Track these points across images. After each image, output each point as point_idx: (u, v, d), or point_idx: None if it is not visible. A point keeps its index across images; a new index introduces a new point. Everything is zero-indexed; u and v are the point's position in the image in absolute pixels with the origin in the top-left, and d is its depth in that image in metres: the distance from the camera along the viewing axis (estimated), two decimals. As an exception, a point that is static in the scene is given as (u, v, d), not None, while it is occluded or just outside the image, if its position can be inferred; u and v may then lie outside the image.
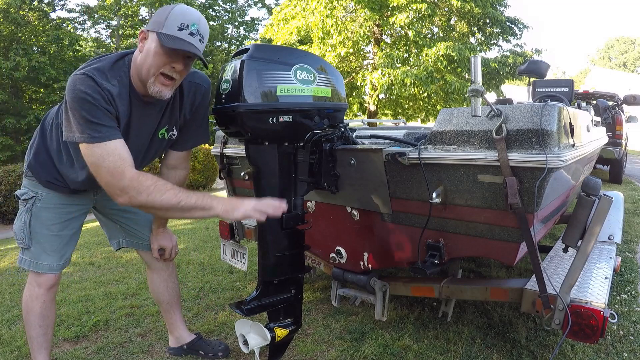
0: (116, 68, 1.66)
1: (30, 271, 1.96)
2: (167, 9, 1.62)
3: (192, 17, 1.62)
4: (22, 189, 1.96)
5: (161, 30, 1.58)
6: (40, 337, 1.98)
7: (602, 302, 1.66)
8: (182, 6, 1.63)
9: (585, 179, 1.66)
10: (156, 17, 1.63)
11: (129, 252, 4.34)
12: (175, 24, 1.58)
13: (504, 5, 14.03)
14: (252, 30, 24.47)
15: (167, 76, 1.64)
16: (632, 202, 5.89)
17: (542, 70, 4.33)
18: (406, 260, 1.96)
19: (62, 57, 18.20)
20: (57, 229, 1.93)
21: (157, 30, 1.59)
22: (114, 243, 2.20)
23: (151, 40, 1.62)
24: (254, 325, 1.80)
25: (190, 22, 1.60)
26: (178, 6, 1.62)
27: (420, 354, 2.21)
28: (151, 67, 1.62)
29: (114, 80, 1.64)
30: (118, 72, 1.66)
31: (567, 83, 5.64)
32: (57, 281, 2.00)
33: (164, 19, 1.59)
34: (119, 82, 1.65)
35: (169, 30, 1.58)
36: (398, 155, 1.69)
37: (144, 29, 1.66)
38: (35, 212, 1.91)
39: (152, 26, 1.63)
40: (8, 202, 8.83)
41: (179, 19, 1.59)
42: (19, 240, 1.94)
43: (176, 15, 1.59)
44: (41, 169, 1.87)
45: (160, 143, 1.91)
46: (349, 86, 14.12)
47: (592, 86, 25.06)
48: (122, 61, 1.69)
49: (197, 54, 1.61)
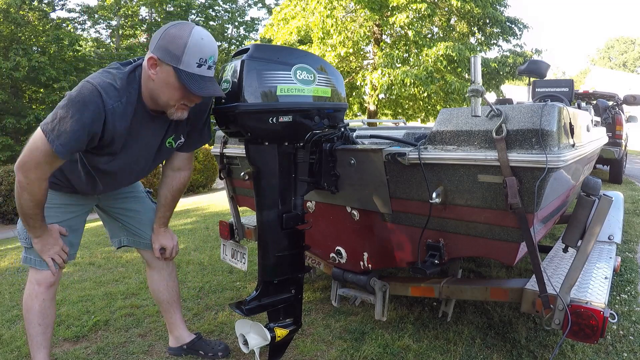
0: (128, 83, 1.66)
1: (31, 269, 1.97)
2: (182, 39, 1.54)
3: (209, 49, 1.58)
4: None
5: (179, 66, 1.55)
6: (39, 336, 1.98)
7: (602, 302, 1.65)
8: (197, 36, 1.55)
9: (585, 179, 1.66)
10: (170, 45, 1.55)
11: (129, 252, 4.34)
12: (194, 60, 1.55)
13: (504, 5, 14.02)
14: (252, 30, 24.48)
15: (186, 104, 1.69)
16: (632, 202, 5.89)
17: (542, 70, 4.33)
18: (406, 260, 1.96)
19: (62, 57, 18.20)
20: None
21: (174, 64, 1.55)
22: (116, 241, 2.22)
23: (167, 73, 1.58)
24: (254, 325, 1.80)
25: (208, 55, 1.57)
26: (193, 38, 1.54)
27: (420, 354, 2.21)
28: (170, 99, 1.65)
29: (124, 97, 1.64)
30: (129, 88, 1.66)
31: (567, 83, 5.64)
32: (57, 280, 2.01)
33: (180, 52, 1.54)
34: (127, 99, 1.65)
35: (188, 67, 1.55)
36: (398, 155, 1.69)
37: (155, 56, 1.58)
38: None
39: (165, 56, 1.56)
40: (8, 202, 8.82)
41: (197, 54, 1.55)
42: (22, 240, 1.95)
43: (194, 49, 1.54)
44: None
45: (169, 151, 1.95)
46: (349, 86, 14.12)
47: (592, 86, 25.07)
48: (133, 75, 1.68)
49: (219, 95, 1.63)
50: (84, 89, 1.56)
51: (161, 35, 1.58)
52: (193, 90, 1.56)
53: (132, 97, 1.67)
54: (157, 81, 1.62)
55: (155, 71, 1.61)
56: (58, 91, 17.42)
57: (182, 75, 1.56)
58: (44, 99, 17.89)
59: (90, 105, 1.54)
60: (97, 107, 1.56)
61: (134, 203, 2.14)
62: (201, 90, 1.57)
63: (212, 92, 1.60)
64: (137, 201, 2.15)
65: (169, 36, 1.56)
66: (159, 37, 1.58)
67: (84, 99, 1.54)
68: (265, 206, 1.77)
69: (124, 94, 1.64)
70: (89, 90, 1.55)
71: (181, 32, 1.55)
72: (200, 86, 1.57)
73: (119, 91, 1.62)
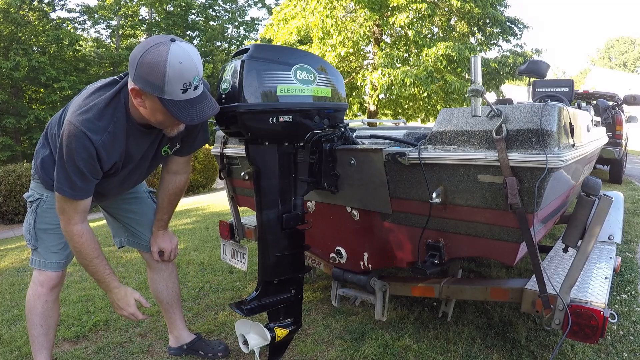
0: (110, 110, 1.61)
1: (34, 270, 1.98)
2: (159, 66, 1.42)
3: (190, 70, 1.46)
4: (29, 192, 1.99)
5: (163, 96, 1.47)
6: (41, 337, 1.99)
7: (602, 302, 1.65)
8: (174, 59, 1.42)
9: (585, 179, 1.66)
10: (149, 76, 1.45)
11: (129, 252, 4.34)
12: (178, 87, 1.46)
13: (504, 5, 14.03)
14: (252, 30, 24.50)
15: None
16: (632, 202, 5.89)
17: (542, 70, 4.33)
18: (406, 260, 1.96)
19: (62, 57, 18.23)
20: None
21: (157, 95, 1.47)
22: (117, 241, 2.23)
23: (153, 101, 1.52)
24: (254, 325, 1.80)
25: (191, 78, 1.47)
26: (171, 62, 1.42)
27: (420, 354, 2.21)
28: (162, 123, 1.64)
29: (110, 125, 1.61)
30: (114, 114, 1.62)
31: (567, 83, 5.64)
32: (60, 281, 2.02)
33: (161, 83, 1.44)
34: (115, 125, 1.62)
35: (172, 96, 1.47)
36: (398, 156, 1.69)
37: (137, 87, 1.50)
38: (39, 212, 1.93)
39: (146, 87, 1.48)
40: (8, 202, 8.83)
41: (179, 80, 1.45)
42: (27, 242, 1.98)
43: (174, 77, 1.44)
44: (46, 174, 1.90)
45: (165, 158, 1.96)
46: (349, 86, 14.12)
47: (592, 86, 25.05)
48: (116, 100, 1.63)
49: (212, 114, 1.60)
50: (70, 134, 1.56)
51: (137, 63, 1.46)
52: (181, 120, 1.53)
53: (121, 121, 1.63)
54: (147, 108, 1.57)
55: (142, 100, 1.55)
56: (58, 91, 17.44)
57: (168, 105, 1.49)
58: (44, 99, 17.90)
59: (79, 148, 1.56)
60: (86, 148, 1.56)
61: (134, 204, 2.14)
62: (190, 118, 1.52)
63: (202, 117, 1.55)
64: (138, 202, 2.15)
65: (145, 66, 1.44)
66: (135, 65, 1.47)
67: (73, 146, 1.56)
68: (265, 206, 1.77)
69: (109, 122, 1.61)
70: (74, 135, 1.55)
71: (157, 59, 1.42)
72: (189, 113, 1.52)
73: (102, 122, 1.59)
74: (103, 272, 1.81)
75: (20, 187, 8.92)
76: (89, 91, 1.67)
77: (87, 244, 1.74)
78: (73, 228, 1.71)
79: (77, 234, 1.72)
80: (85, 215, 1.75)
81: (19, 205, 8.95)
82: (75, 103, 1.65)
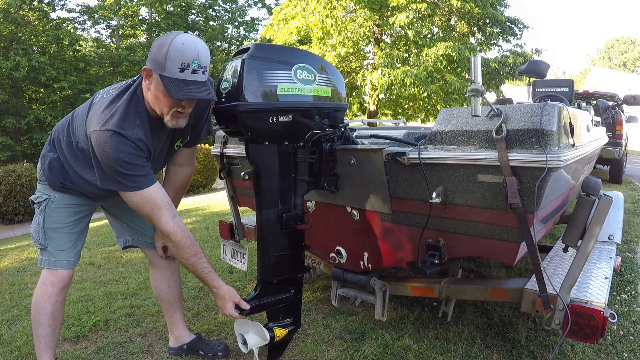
0: (133, 107, 1.68)
1: (44, 270, 1.99)
2: (165, 45, 1.55)
3: (190, 53, 1.55)
4: (36, 194, 2.00)
5: (163, 72, 1.56)
6: (48, 337, 2.00)
7: (602, 302, 1.65)
8: (179, 41, 1.55)
9: (585, 179, 1.66)
10: (155, 53, 1.58)
11: (129, 252, 4.34)
12: (176, 65, 1.54)
13: (504, 5, 14.02)
14: (252, 30, 24.49)
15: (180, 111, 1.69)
16: (632, 202, 5.89)
17: (542, 70, 4.33)
18: (406, 260, 1.96)
19: (62, 57, 18.22)
20: (69, 227, 1.98)
21: (159, 71, 1.57)
22: (121, 241, 2.24)
23: (157, 81, 1.60)
24: (253, 325, 1.80)
25: (190, 59, 1.55)
26: (174, 43, 1.55)
27: (420, 354, 2.21)
28: (163, 108, 1.67)
29: (137, 121, 1.67)
30: (137, 111, 1.69)
31: (567, 83, 5.64)
32: (69, 281, 2.04)
33: (163, 58, 1.55)
34: (141, 120, 1.69)
35: (170, 73, 1.55)
36: (398, 155, 1.69)
37: (146, 66, 1.62)
38: (48, 212, 1.95)
39: (153, 64, 1.59)
40: (8, 202, 8.82)
41: (178, 59, 1.54)
42: (36, 242, 1.98)
43: (175, 55, 1.54)
44: (54, 176, 1.92)
45: (176, 152, 2.00)
46: (349, 86, 14.11)
47: (592, 86, 25.05)
48: (135, 97, 1.71)
49: (203, 97, 1.62)
50: (103, 140, 1.60)
51: (152, 46, 1.62)
52: (171, 93, 1.56)
53: (143, 116, 1.71)
54: (152, 91, 1.65)
55: (149, 81, 1.64)
56: (58, 91, 17.44)
57: (165, 81, 1.57)
58: (44, 99, 17.91)
59: (120, 146, 1.60)
60: (127, 145, 1.61)
61: None
62: (179, 94, 1.57)
63: (191, 95, 1.59)
64: None
65: (155, 46, 1.59)
66: (151, 48, 1.62)
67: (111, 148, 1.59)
68: (265, 206, 1.78)
69: (135, 116, 1.67)
70: (108, 139, 1.59)
71: (164, 40, 1.57)
72: (181, 89, 1.56)
73: (129, 120, 1.65)
74: (201, 271, 1.80)
75: (20, 187, 8.92)
76: (107, 100, 1.71)
77: (183, 242, 1.73)
78: (165, 227, 1.70)
79: (171, 232, 1.71)
80: (171, 211, 1.73)
81: (19, 205, 8.94)
82: (95, 116, 1.67)
